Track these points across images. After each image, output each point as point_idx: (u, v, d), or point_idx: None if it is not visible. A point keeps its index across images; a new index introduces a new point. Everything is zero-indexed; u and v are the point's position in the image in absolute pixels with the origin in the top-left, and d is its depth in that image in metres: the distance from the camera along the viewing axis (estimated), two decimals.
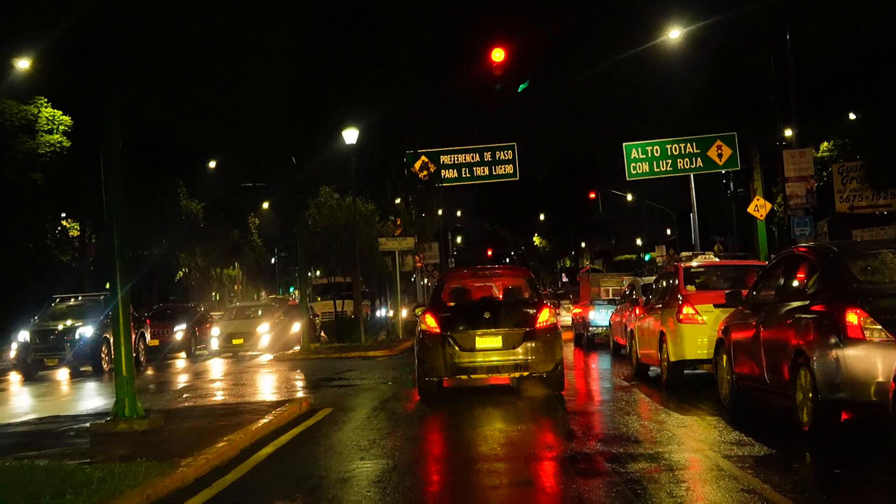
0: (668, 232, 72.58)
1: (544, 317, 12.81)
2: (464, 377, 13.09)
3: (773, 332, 9.28)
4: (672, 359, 13.28)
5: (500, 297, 14.39)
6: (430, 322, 12.84)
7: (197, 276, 56.33)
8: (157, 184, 44.45)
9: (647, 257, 68.22)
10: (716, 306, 12.81)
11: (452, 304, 13.74)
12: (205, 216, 51.05)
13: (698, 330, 12.91)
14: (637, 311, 16.78)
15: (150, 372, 23.12)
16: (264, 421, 9.94)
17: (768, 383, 9.45)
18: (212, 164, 52.00)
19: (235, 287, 72.80)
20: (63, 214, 44.34)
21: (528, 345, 12.55)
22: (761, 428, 9.35)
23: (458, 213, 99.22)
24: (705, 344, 12.75)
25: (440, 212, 45.74)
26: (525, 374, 12.75)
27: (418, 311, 13.89)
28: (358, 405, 12.87)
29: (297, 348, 27.20)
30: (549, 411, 11.63)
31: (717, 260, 15.65)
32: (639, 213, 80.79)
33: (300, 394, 15.03)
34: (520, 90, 23.51)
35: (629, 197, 68.59)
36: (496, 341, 12.61)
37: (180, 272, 54.13)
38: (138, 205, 43.53)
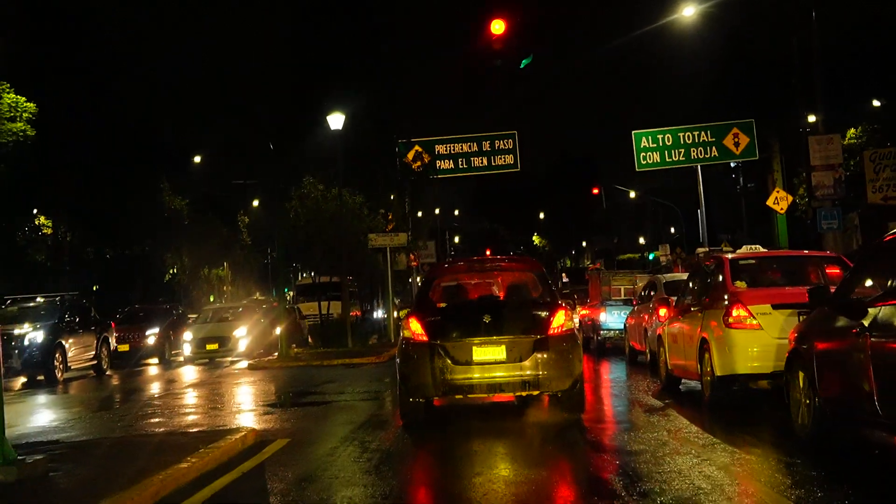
0: (672, 230, 70.15)
1: (559, 321, 10.10)
2: (458, 397, 10.44)
3: (890, 344, 6.61)
4: (718, 372, 10.65)
5: (503, 296, 11.62)
6: (416, 328, 10.16)
7: (185, 276, 53.66)
8: (139, 180, 42.35)
9: (650, 256, 65.78)
10: (775, 307, 10.25)
11: (444, 305, 11.12)
12: (190, 213, 48.88)
13: (752, 336, 10.27)
14: (665, 314, 14.17)
15: (114, 381, 20.86)
16: (181, 466, 7.21)
17: (881, 415, 6.77)
18: (197, 160, 49.44)
19: (225, 288, 70.09)
20: (35, 211, 42.02)
21: (539, 356, 9.86)
22: (875, 480, 6.70)
23: (456, 212, 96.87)
24: (761, 354, 10.20)
25: (437, 210, 43.14)
26: (535, 392, 10.10)
27: (402, 314, 11.17)
28: (323, 434, 10.11)
29: (276, 354, 24.72)
30: (568, 447, 8.87)
31: (764, 250, 12.96)
32: (642, 211, 78.25)
33: (255, 416, 12.29)
34: (522, 66, 21.28)
35: (632, 194, 66.10)
36: (499, 352, 9.91)
37: (169, 273, 51.65)
38: (119, 201, 41.36)
